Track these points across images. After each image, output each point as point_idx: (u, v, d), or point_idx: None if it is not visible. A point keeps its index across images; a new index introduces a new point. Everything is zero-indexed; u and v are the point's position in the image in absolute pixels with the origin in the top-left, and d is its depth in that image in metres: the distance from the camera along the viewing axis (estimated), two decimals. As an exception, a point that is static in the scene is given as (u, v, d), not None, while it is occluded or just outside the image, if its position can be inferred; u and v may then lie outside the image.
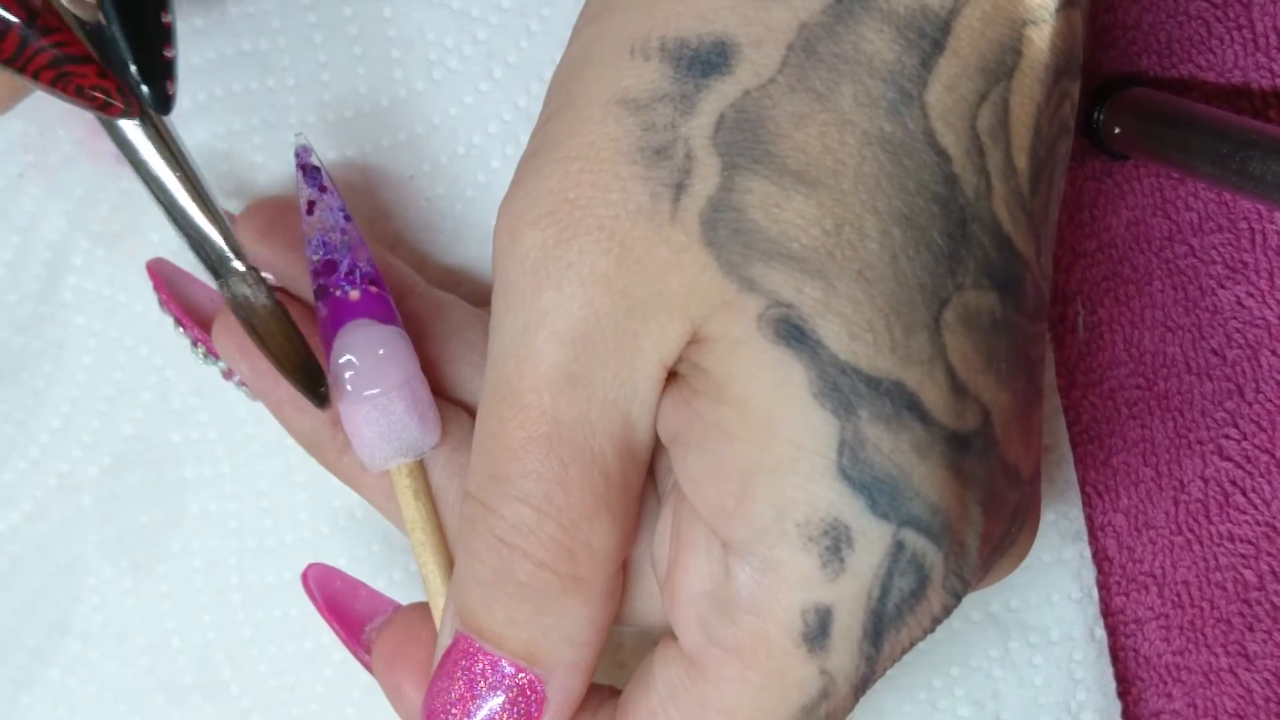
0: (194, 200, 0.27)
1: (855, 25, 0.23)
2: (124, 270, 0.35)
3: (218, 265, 0.27)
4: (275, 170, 0.35)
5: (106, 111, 0.25)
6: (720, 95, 0.23)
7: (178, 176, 0.27)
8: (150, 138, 0.26)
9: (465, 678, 0.26)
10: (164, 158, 0.26)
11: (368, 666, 0.31)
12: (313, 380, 0.28)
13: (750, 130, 0.23)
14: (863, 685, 0.25)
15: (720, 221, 0.23)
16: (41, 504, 0.36)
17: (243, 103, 0.35)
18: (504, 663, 0.26)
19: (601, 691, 0.28)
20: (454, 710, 0.26)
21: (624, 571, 0.28)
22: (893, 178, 0.23)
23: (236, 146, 0.35)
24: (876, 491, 0.23)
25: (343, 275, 0.29)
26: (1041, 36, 0.24)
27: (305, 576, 0.32)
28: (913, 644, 0.25)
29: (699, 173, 0.23)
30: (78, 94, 0.25)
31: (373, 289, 0.29)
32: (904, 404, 0.23)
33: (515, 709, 0.26)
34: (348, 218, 0.30)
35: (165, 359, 0.36)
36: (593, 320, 0.24)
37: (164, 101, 0.25)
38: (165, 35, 0.25)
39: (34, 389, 0.36)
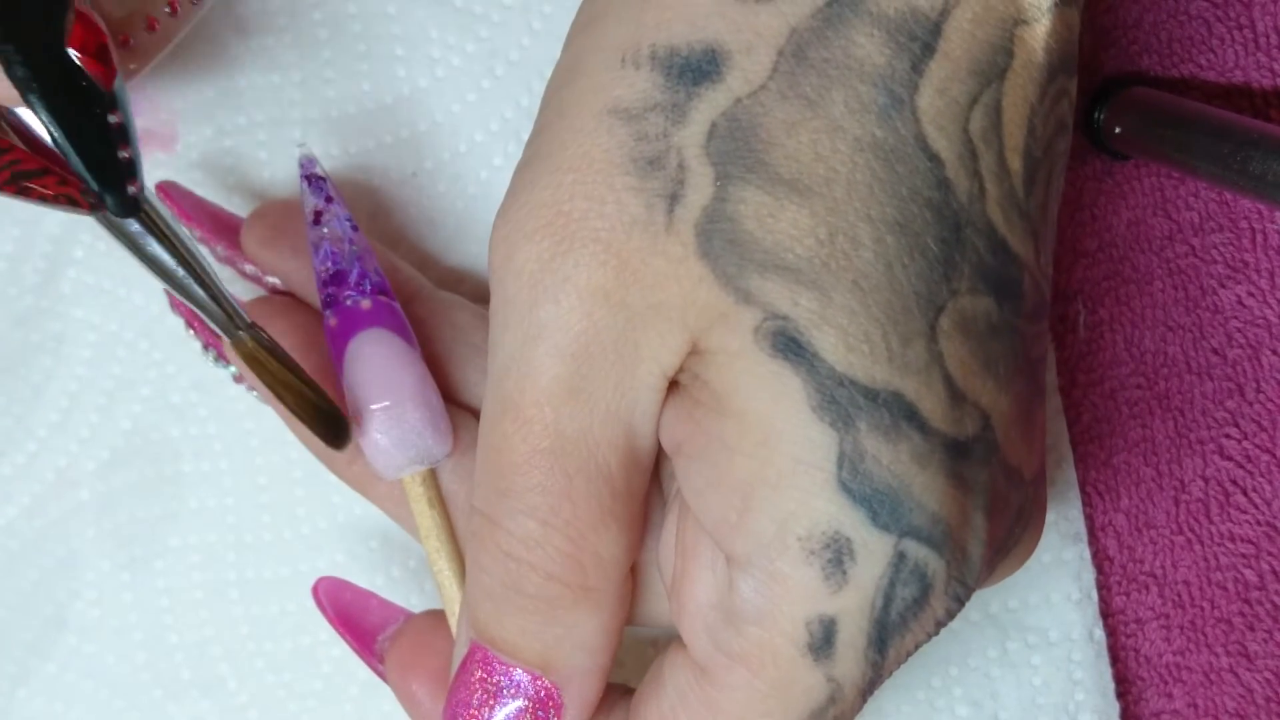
0: (190, 276, 0.26)
1: (845, 29, 0.23)
2: (124, 264, 0.35)
3: (223, 330, 0.27)
4: (279, 165, 0.35)
5: (78, 212, 0.24)
6: (711, 104, 0.23)
7: (170, 255, 0.26)
8: (141, 223, 0.26)
9: (483, 687, 0.26)
10: (157, 240, 0.26)
11: (382, 676, 0.30)
12: (335, 426, 0.28)
13: (742, 139, 0.23)
14: (869, 689, 0.25)
15: (715, 232, 0.23)
16: (39, 498, 0.36)
17: (248, 98, 0.35)
18: (519, 671, 0.26)
19: (615, 690, 0.28)
20: (474, 718, 0.26)
21: (632, 574, 0.28)
22: (885, 184, 0.23)
23: (241, 142, 0.35)
24: (877, 503, 0.23)
25: (353, 285, 0.29)
26: (1034, 36, 0.24)
27: (315, 590, 0.32)
28: (917, 647, 0.25)
29: (692, 183, 0.23)
30: (42, 201, 0.24)
31: (382, 298, 0.29)
32: (902, 414, 0.23)
33: (533, 716, 0.26)
34: (354, 227, 0.30)
35: (165, 354, 0.36)
36: (592, 333, 0.24)
37: (128, 205, 0.24)
38: (121, 135, 0.24)
39: (32, 383, 0.36)
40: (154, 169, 0.35)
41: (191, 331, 0.32)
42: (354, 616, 0.32)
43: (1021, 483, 0.25)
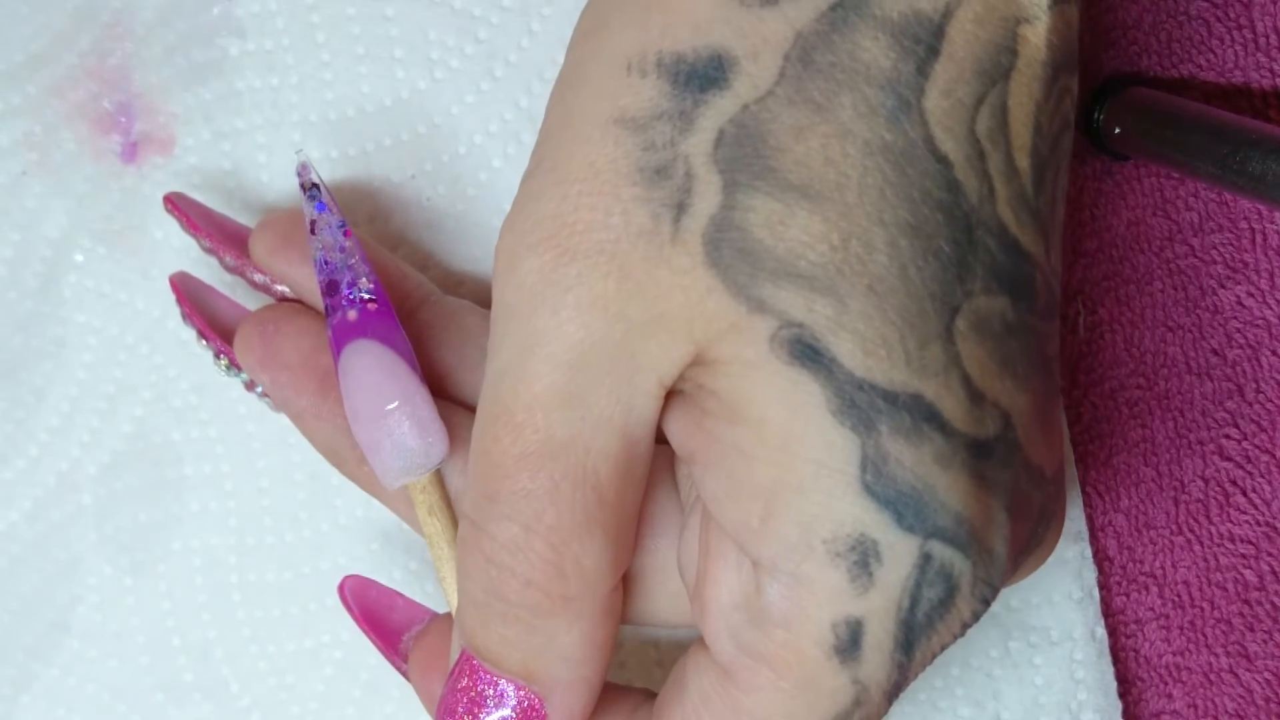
0: None
1: (850, 33, 0.23)
2: (125, 269, 0.35)
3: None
4: (277, 169, 0.35)
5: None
6: (719, 111, 0.23)
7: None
8: None
9: (468, 696, 0.26)
10: None
11: (405, 676, 0.30)
12: None
13: (750, 145, 0.23)
14: (895, 691, 0.25)
15: (724, 241, 0.23)
16: (41, 503, 0.36)
17: (246, 101, 0.35)
18: (503, 682, 0.26)
19: (636, 695, 0.28)
20: None
21: (623, 587, 0.27)
22: (896, 187, 0.23)
23: (239, 145, 0.35)
24: (902, 505, 0.23)
25: (343, 295, 0.29)
26: (1037, 34, 0.24)
27: (341, 588, 0.32)
28: (943, 649, 0.25)
29: (700, 191, 0.23)
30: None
31: (371, 306, 0.29)
32: (923, 416, 0.23)
33: None
34: (347, 233, 0.30)
35: (166, 357, 0.36)
36: (589, 343, 0.24)
37: None
38: None
39: (33, 387, 0.36)
40: (151, 173, 0.35)
41: (204, 342, 0.33)
42: (379, 615, 0.32)
43: (1043, 481, 0.25)
